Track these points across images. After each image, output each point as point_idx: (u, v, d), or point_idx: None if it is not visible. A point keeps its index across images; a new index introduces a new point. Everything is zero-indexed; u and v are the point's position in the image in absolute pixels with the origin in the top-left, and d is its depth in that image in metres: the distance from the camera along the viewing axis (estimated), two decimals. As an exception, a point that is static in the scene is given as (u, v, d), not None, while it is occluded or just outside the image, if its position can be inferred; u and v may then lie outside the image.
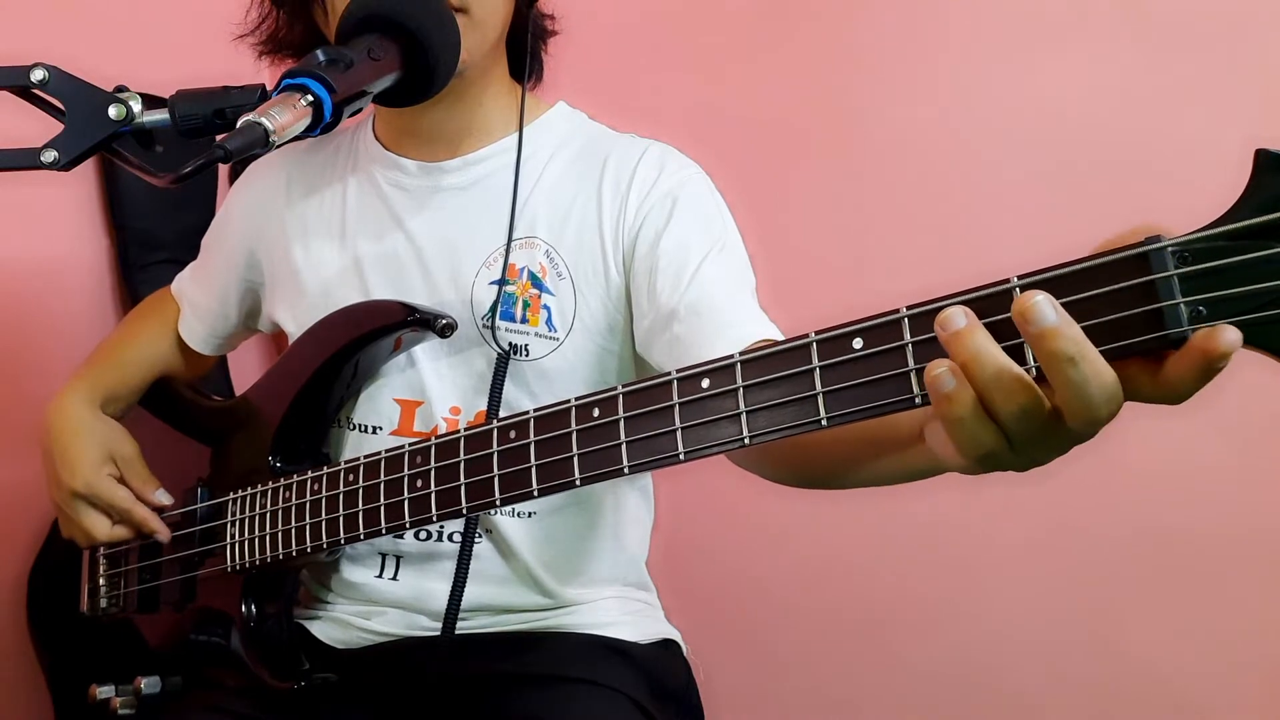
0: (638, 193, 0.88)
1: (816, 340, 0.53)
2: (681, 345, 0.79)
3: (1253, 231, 0.41)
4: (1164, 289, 0.42)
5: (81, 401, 0.99)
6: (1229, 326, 0.40)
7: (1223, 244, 0.42)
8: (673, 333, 0.81)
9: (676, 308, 0.81)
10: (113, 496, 0.95)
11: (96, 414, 0.99)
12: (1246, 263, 0.41)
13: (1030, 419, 0.45)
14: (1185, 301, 0.42)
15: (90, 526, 0.96)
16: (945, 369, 0.45)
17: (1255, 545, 1.20)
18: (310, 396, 0.91)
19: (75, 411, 0.98)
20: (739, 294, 0.83)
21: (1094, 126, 1.24)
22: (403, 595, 0.91)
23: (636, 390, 0.61)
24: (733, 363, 0.56)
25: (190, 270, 1.10)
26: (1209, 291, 0.42)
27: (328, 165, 0.99)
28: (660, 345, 0.83)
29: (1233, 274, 0.41)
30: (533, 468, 0.66)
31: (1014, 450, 0.47)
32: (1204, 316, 0.42)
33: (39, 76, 0.67)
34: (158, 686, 0.94)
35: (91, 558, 1.04)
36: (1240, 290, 0.41)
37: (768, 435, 0.54)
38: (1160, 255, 0.42)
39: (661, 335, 0.82)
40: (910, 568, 1.34)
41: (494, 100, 0.93)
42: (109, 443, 0.97)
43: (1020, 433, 0.46)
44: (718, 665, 1.11)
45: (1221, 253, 0.42)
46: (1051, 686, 1.28)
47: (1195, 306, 0.42)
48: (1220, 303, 0.41)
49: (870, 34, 1.35)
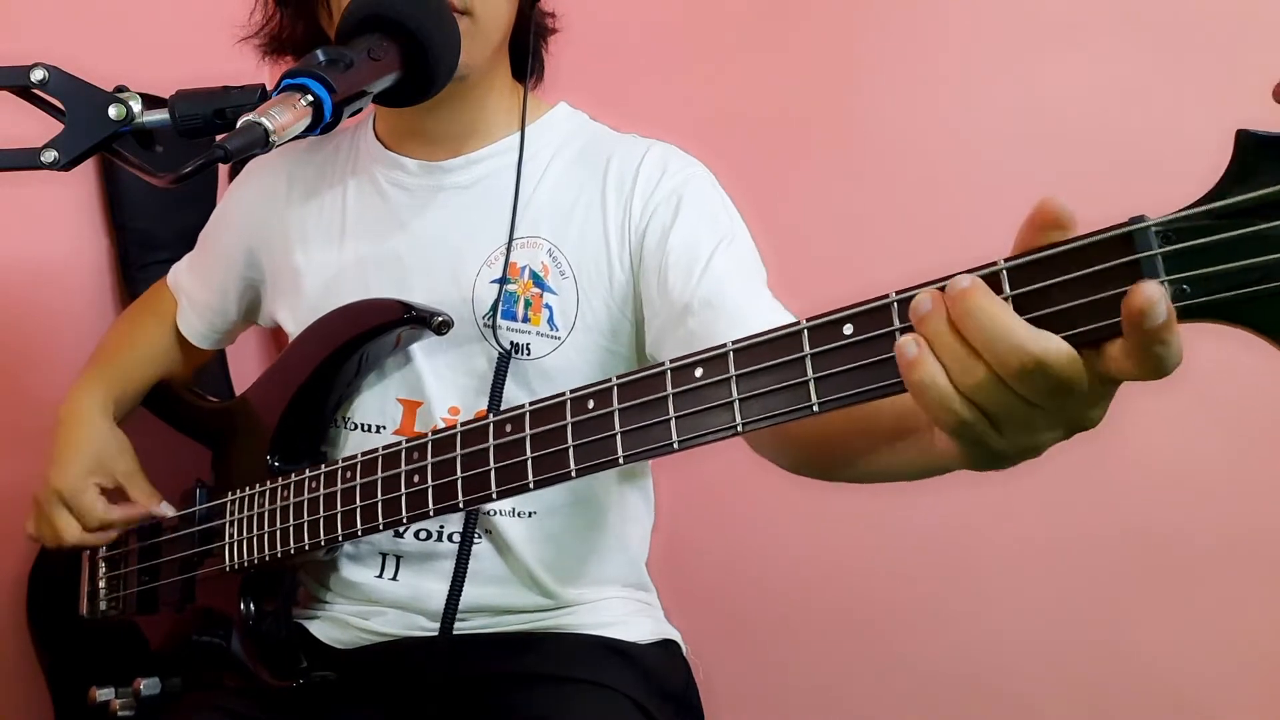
0: (642, 192, 0.88)
1: (807, 327, 0.53)
2: (697, 339, 0.78)
3: (1235, 210, 0.41)
4: (1148, 268, 0.42)
5: (96, 408, 0.99)
6: (1147, 283, 0.41)
7: (1206, 223, 0.42)
8: (687, 328, 0.80)
9: (690, 302, 0.81)
10: (89, 506, 0.95)
11: (109, 424, 1.00)
12: (1229, 240, 0.41)
13: (995, 390, 0.45)
14: (1169, 279, 0.42)
15: (61, 527, 0.96)
16: (910, 338, 0.47)
17: (1255, 545, 1.20)
18: (309, 395, 0.91)
19: (88, 417, 0.99)
20: (751, 285, 0.83)
21: (1093, 125, 1.24)
22: (402, 595, 0.91)
23: (631, 381, 0.61)
24: (725, 351, 0.57)
25: (187, 264, 1.10)
26: (1193, 269, 0.42)
27: (328, 164, 1.00)
28: (675, 341, 0.82)
29: (1216, 252, 0.41)
30: (528, 460, 0.66)
31: (999, 430, 0.47)
32: (1188, 294, 0.42)
33: (39, 76, 0.67)
34: (157, 688, 0.94)
35: (91, 560, 1.04)
36: (1224, 268, 0.41)
37: (760, 422, 0.55)
38: (1144, 235, 0.43)
39: (675, 331, 0.82)
40: (910, 568, 1.34)
41: (496, 100, 0.94)
42: (107, 457, 0.97)
43: (992, 406, 0.46)
44: (718, 665, 1.10)
45: (1204, 231, 0.42)
46: (1052, 686, 1.28)
47: (1179, 285, 0.42)
48: (1204, 280, 0.42)
49: (870, 34, 1.36)
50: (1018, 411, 0.46)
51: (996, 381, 0.45)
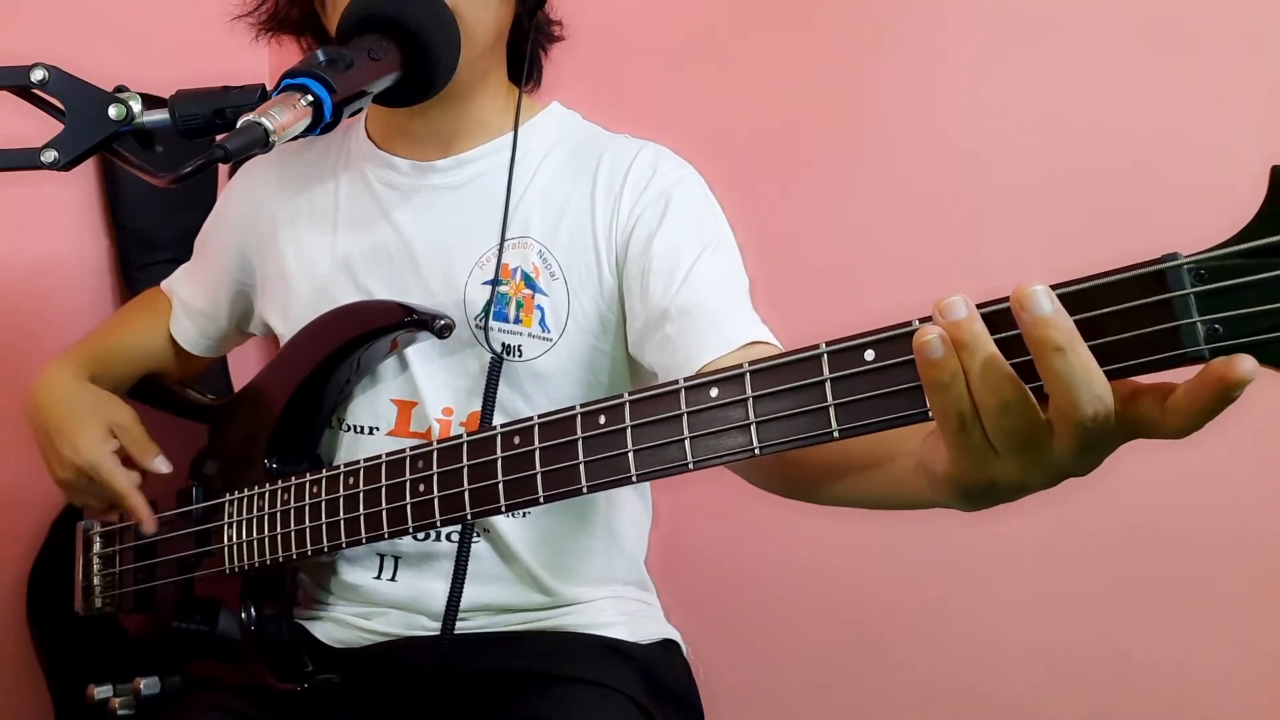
0: (631, 193, 0.88)
1: (828, 351, 0.52)
2: (672, 345, 0.79)
3: (1269, 250, 0.41)
4: (1180, 307, 0.42)
5: (69, 375, 0.98)
6: (1246, 355, 0.40)
7: (1239, 262, 0.42)
8: (664, 333, 0.80)
9: (668, 308, 0.81)
10: (112, 479, 0.94)
11: (86, 385, 0.98)
12: (1263, 281, 0.41)
13: (1014, 416, 0.45)
14: (1202, 320, 0.42)
15: (116, 487, 0.94)
16: (935, 335, 0.45)
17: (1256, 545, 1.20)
18: (307, 396, 0.90)
19: (64, 384, 0.97)
20: (731, 295, 0.83)
21: (1098, 131, 1.23)
22: (401, 596, 0.91)
23: (643, 398, 0.61)
24: (742, 373, 0.56)
25: (183, 270, 1.09)
26: (1225, 310, 0.42)
27: (319, 164, 0.99)
28: (652, 346, 0.82)
29: (1249, 293, 0.41)
30: (538, 474, 0.66)
31: (1000, 455, 0.47)
32: (1220, 335, 0.42)
33: (39, 76, 0.67)
34: (157, 687, 0.94)
35: (85, 558, 1.03)
36: (1257, 309, 0.41)
37: (779, 446, 0.54)
38: (1177, 273, 0.42)
39: (653, 336, 0.82)
40: (910, 568, 1.34)
41: (489, 101, 0.93)
42: (105, 412, 0.96)
43: (1003, 432, 0.46)
44: (718, 665, 1.11)
45: (1238, 271, 0.42)
46: (1052, 686, 1.29)
47: (1211, 325, 0.42)
48: (1237, 321, 0.41)
49: (871, 38, 1.34)
50: (1029, 442, 0.46)
51: (1026, 403, 0.45)
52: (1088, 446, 0.46)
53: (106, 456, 0.94)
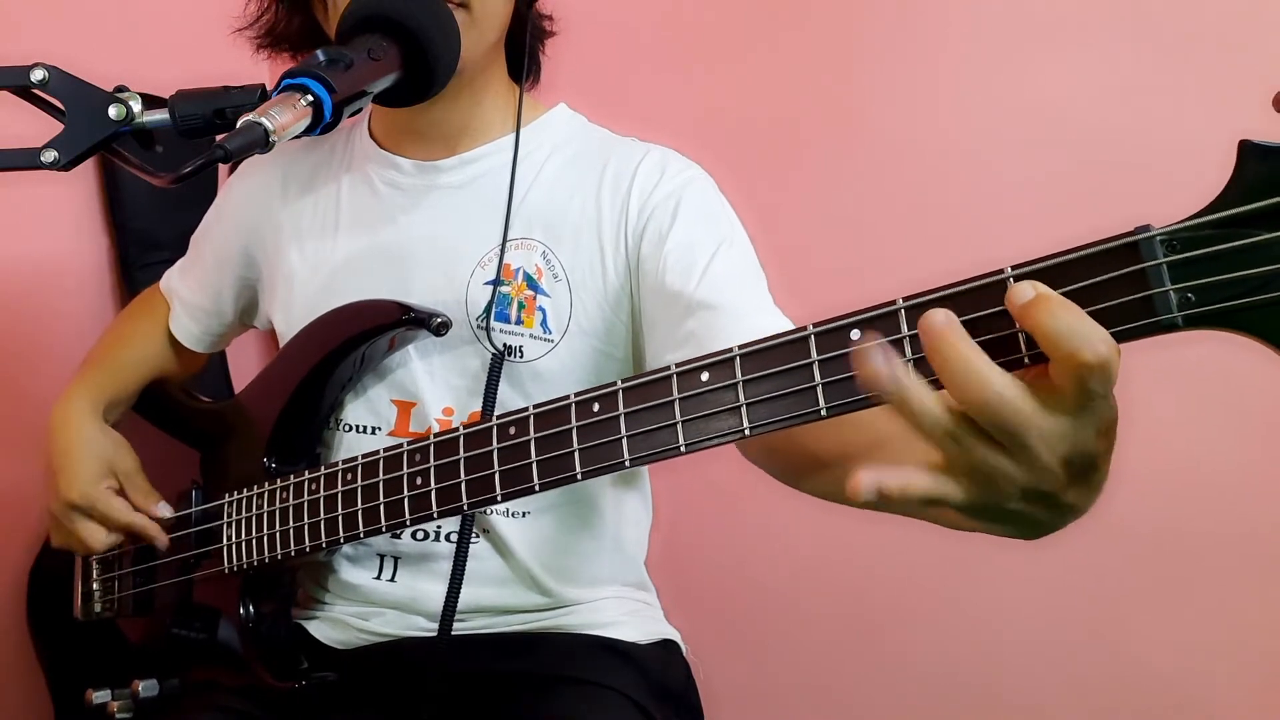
0: (639, 195, 0.88)
1: (815, 333, 0.53)
2: (696, 341, 0.77)
3: (1238, 220, 0.42)
4: (1154, 276, 0.43)
5: (85, 410, 0.98)
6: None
7: (1209, 233, 0.43)
8: (687, 329, 0.79)
9: (689, 304, 0.80)
10: (109, 508, 0.94)
11: (100, 425, 0.99)
12: (1233, 250, 0.42)
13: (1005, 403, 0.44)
14: (1174, 288, 0.43)
15: (87, 536, 0.95)
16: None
17: (1256, 545, 1.20)
18: (305, 396, 0.91)
19: (79, 422, 0.98)
20: (751, 287, 0.83)
21: (1094, 127, 1.24)
22: (400, 596, 0.91)
23: (636, 385, 0.61)
24: (732, 356, 0.57)
25: (179, 268, 1.09)
26: (1197, 278, 0.43)
27: (323, 164, 0.99)
28: (675, 343, 0.81)
29: (1220, 261, 0.42)
30: (533, 463, 0.66)
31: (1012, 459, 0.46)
32: (1193, 303, 0.43)
33: (39, 76, 0.67)
34: (155, 689, 0.94)
35: (84, 563, 1.04)
36: (1227, 276, 0.42)
37: (768, 426, 0.55)
38: (1149, 244, 0.43)
39: (675, 334, 0.81)
40: (910, 568, 1.34)
41: (492, 100, 0.94)
42: (110, 456, 0.97)
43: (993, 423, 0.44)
44: (718, 665, 1.11)
45: (1209, 241, 0.43)
46: (1052, 686, 1.28)
47: (1184, 293, 0.43)
48: (1208, 289, 0.42)
49: (870, 35, 1.35)
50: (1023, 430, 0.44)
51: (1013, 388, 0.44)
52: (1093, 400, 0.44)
53: (102, 492, 0.95)
